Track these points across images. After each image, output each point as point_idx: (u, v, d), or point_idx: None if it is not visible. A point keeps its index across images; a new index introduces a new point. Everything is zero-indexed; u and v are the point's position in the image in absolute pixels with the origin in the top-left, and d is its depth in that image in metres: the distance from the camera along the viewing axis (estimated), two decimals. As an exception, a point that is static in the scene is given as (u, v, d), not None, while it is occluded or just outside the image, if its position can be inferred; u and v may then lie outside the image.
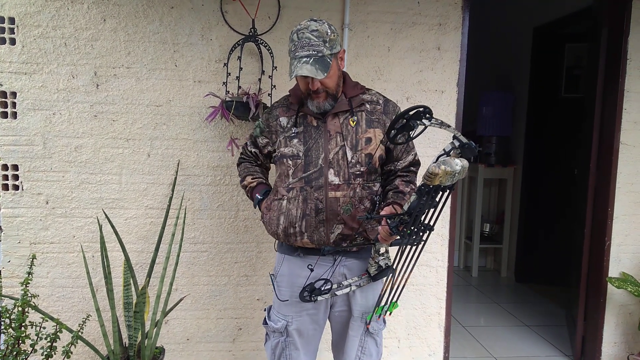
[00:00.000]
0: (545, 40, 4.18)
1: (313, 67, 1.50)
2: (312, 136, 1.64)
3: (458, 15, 2.46)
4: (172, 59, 2.30)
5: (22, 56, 2.20)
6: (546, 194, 4.27)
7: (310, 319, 1.72)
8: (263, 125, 1.76)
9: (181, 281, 2.41)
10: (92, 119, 2.28)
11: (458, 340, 3.16)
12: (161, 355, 2.22)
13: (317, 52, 1.51)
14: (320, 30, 1.53)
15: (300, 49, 1.52)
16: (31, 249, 2.29)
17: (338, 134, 1.62)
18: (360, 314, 1.72)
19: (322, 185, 1.60)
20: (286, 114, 1.70)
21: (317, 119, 1.65)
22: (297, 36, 1.54)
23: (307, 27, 1.53)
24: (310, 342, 1.77)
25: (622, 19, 2.59)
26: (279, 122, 1.71)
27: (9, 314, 1.80)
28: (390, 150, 1.70)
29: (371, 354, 1.75)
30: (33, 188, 2.26)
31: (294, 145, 1.64)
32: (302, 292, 1.54)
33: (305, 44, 1.52)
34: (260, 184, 1.83)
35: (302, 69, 1.50)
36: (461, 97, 2.51)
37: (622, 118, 2.64)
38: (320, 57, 1.52)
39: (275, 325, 1.72)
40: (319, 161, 1.61)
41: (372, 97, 1.71)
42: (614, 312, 2.76)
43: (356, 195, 1.61)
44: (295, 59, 1.53)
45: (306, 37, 1.52)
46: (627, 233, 2.73)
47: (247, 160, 1.90)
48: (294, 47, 1.54)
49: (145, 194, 2.35)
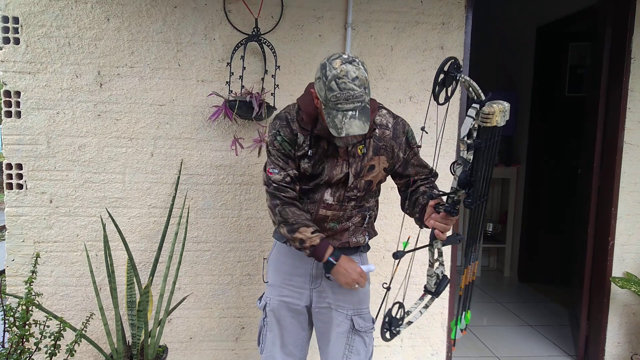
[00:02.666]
0: (549, 40, 4.16)
1: (360, 122, 1.43)
2: (321, 158, 1.61)
3: (461, 15, 2.46)
4: (175, 59, 2.31)
5: (26, 56, 2.20)
6: (549, 194, 4.25)
7: (286, 305, 1.75)
8: (286, 139, 1.61)
9: (184, 280, 2.41)
10: (96, 118, 2.28)
11: (461, 339, 3.16)
12: (164, 354, 2.22)
13: (360, 102, 1.43)
14: (360, 77, 1.42)
15: (344, 102, 1.41)
16: (35, 247, 2.29)
17: (345, 161, 1.61)
18: (345, 310, 1.71)
19: (317, 201, 1.64)
20: (302, 131, 1.61)
21: (329, 143, 1.59)
22: (338, 86, 1.40)
23: (346, 75, 1.40)
24: (288, 332, 1.77)
25: (626, 18, 2.58)
26: (297, 139, 1.61)
27: (13, 312, 1.80)
28: (408, 163, 1.68)
29: (359, 352, 1.72)
30: (37, 187, 2.27)
31: (304, 164, 1.62)
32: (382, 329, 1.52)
33: (349, 95, 1.41)
34: (323, 239, 1.58)
35: (352, 127, 1.42)
36: (464, 97, 2.50)
37: (626, 117, 2.63)
38: (364, 106, 1.44)
39: (259, 304, 1.81)
40: (321, 182, 1.63)
41: (382, 119, 1.65)
42: (617, 312, 2.75)
43: (345, 215, 1.67)
44: (340, 112, 1.42)
45: (349, 88, 1.40)
46: (631, 233, 2.72)
47: (286, 201, 1.61)
48: (334, 98, 1.41)
49: (148, 193, 2.35)
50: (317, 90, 1.47)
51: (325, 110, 1.45)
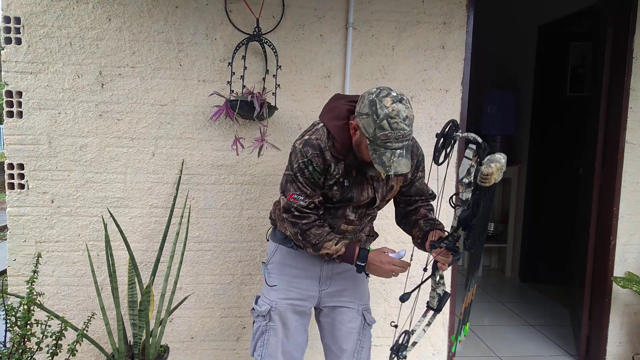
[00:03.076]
0: (550, 39, 4.16)
1: (407, 160, 1.46)
2: (350, 186, 1.63)
3: (463, 14, 2.45)
4: (176, 59, 2.31)
5: (28, 56, 2.21)
6: (551, 193, 4.25)
7: (293, 308, 1.74)
8: (318, 169, 1.58)
9: (185, 280, 2.41)
10: (97, 118, 2.28)
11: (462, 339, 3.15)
12: (165, 354, 2.23)
13: (409, 142, 1.47)
14: (409, 117, 1.44)
15: (394, 141, 1.42)
16: (36, 247, 2.30)
17: (369, 185, 1.65)
18: (356, 306, 1.78)
19: (339, 217, 1.68)
20: (334, 160, 1.59)
21: (358, 171, 1.62)
22: (390, 125, 1.41)
23: (398, 114, 1.41)
24: (292, 335, 1.77)
25: (627, 17, 2.58)
26: (329, 169, 1.59)
27: (14, 312, 1.81)
28: (413, 184, 1.75)
29: (366, 346, 1.82)
30: (38, 187, 2.27)
31: (333, 191, 1.62)
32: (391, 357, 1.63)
33: (399, 135, 1.42)
34: (347, 245, 1.61)
35: (401, 165, 1.45)
36: (466, 96, 2.50)
37: (628, 117, 2.63)
38: (410, 144, 1.49)
39: (259, 309, 1.75)
40: (347, 203, 1.65)
41: None
42: (619, 312, 2.75)
43: (361, 227, 1.74)
44: (388, 150, 1.44)
45: (400, 128, 1.42)
46: (633, 232, 2.71)
47: (311, 225, 1.61)
48: (385, 137, 1.42)
49: (149, 193, 2.35)
50: (364, 126, 1.45)
51: (371, 147, 1.46)
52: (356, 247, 1.60)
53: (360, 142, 1.51)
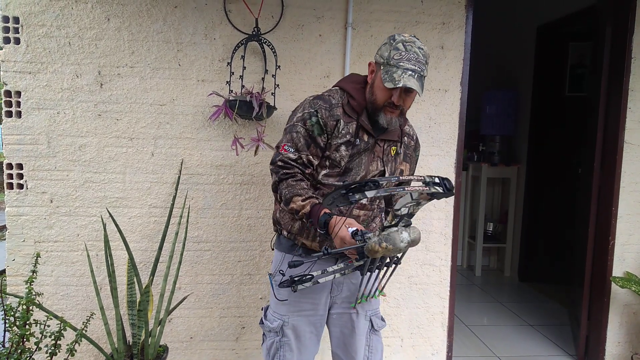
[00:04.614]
0: (549, 39, 4.16)
1: (418, 83, 1.46)
2: (360, 151, 1.59)
3: (462, 14, 2.46)
4: (175, 58, 2.31)
5: (27, 55, 2.21)
6: (550, 193, 4.26)
7: (307, 320, 1.68)
8: (322, 122, 1.55)
9: (184, 280, 2.41)
10: (96, 118, 2.28)
11: (461, 339, 3.16)
12: (165, 354, 2.23)
13: (421, 70, 1.47)
14: (425, 50, 1.49)
15: (407, 61, 1.45)
16: (35, 247, 2.30)
17: (379, 158, 1.62)
18: (364, 312, 1.72)
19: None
20: (345, 118, 1.57)
21: (369, 136, 1.59)
22: (405, 47, 1.46)
23: (413, 42, 1.48)
24: (306, 347, 1.72)
25: (626, 17, 2.58)
26: (338, 125, 1.56)
27: (13, 312, 1.80)
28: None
29: (377, 350, 1.77)
30: (37, 187, 2.27)
31: (341, 152, 1.56)
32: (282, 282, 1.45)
33: (413, 57, 1.46)
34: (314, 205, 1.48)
35: (410, 81, 1.44)
36: (465, 96, 2.50)
37: (627, 117, 2.64)
38: (422, 76, 1.49)
39: (271, 325, 1.68)
40: (357, 177, 1.59)
41: (409, 129, 1.73)
42: (617, 312, 2.75)
43: (372, 215, 1.68)
44: (400, 69, 1.45)
45: (414, 52, 1.46)
46: (631, 232, 2.72)
47: (290, 175, 1.55)
48: (399, 56, 1.45)
49: (148, 193, 2.35)
50: (381, 55, 1.51)
51: (384, 70, 1.48)
52: (322, 211, 1.45)
53: (374, 81, 1.54)
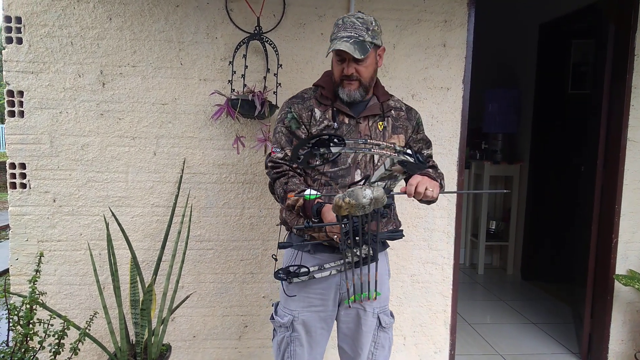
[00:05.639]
0: (552, 37, 4.15)
1: (352, 47, 1.50)
2: (344, 134, 1.62)
3: (464, 12, 2.45)
4: (177, 58, 2.31)
5: (29, 55, 2.21)
6: (552, 191, 4.24)
7: (317, 316, 1.70)
8: (296, 115, 1.64)
9: (187, 279, 2.42)
10: (99, 117, 2.29)
11: (464, 337, 3.16)
12: (168, 353, 2.23)
13: (358, 35, 1.53)
14: (365, 19, 1.55)
15: (343, 31, 1.53)
16: (39, 246, 2.30)
17: (367, 136, 1.64)
18: (372, 309, 1.72)
19: (348, 184, 1.60)
20: (319, 107, 1.65)
21: (350, 118, 1.64)
22: (342, 21, 1.55)
23: (353, 15, 1.57)
24: (317, 342, 1.74)
25: (629, 14, 2.57)
26: (313, 114, 1.64)
27: (17, 311, 1.81)
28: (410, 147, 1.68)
29: (384, 346, 1.77)
30: (40, 186, 2.28)
31: None
32: (277, 272, 1.55)
33: (348, 26, 1.53)
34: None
35: (341, 45, 1.50)
36: (467, 94, 2.50)
37: (630, 115, 2.62)
38: (361, 41, 1.53)
39: (281, 320, 1.70)
40: (348, 160, 1.62)
41: (396, 103, 1.75)
42: (621, 310, 2.75)
43: None
44: (337, 39, 1.52)
45: (350, 22, 1.54)
46: (634, 230, 2.71)
47: (281, 174, 1.63)
48: (336, 30, 1.55)
49: (151, 192, 2.36)
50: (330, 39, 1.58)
51: (330, 47, 1.55)
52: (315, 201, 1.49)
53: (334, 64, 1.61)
